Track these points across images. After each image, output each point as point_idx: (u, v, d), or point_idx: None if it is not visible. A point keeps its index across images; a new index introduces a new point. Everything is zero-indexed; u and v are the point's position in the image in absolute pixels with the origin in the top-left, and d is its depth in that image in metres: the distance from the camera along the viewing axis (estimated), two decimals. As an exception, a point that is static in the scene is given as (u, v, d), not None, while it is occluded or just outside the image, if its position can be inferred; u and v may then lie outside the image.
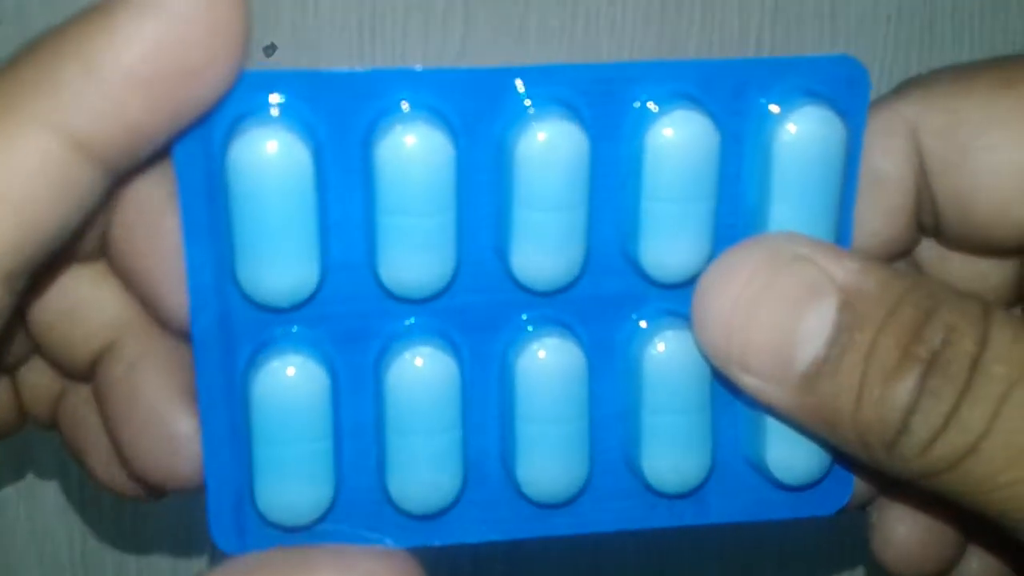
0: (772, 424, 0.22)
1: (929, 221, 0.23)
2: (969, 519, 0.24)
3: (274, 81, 0.20)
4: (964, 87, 0.22)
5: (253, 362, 0.21)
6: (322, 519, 0.21)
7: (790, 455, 0.22)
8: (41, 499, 0.39)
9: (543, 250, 0.21)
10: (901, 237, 0.23)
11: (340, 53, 0.37)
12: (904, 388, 0.19)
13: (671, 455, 0.22)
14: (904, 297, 0.20)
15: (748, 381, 0.21)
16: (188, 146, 0.20)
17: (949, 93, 0.22)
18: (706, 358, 0.21)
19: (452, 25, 0.37)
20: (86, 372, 0.23)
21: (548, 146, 0.20)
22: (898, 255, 0.24)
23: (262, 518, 0.21)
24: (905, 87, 0.23)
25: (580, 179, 0.21)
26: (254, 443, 0.21)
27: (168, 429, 0.22)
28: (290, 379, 0.20)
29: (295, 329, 0.21)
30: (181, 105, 0.18)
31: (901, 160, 0.23)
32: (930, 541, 0.25)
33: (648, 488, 0.22)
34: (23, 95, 0.17)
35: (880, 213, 0.23)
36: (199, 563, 0.39)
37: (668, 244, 0.21)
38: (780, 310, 0.20)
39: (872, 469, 0.21)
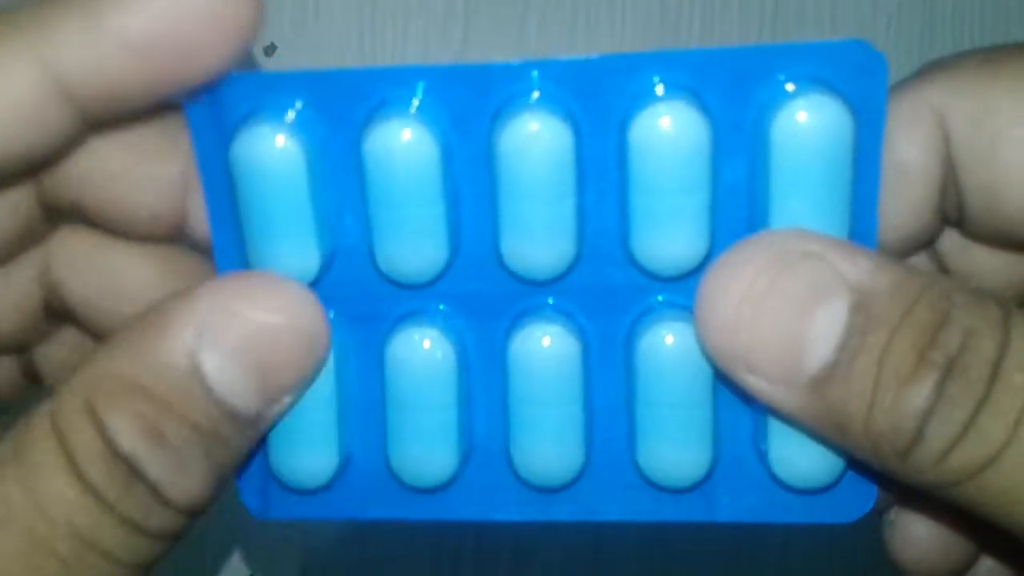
0: (778, 425, 0.21)
1: (952, 212, 0.22)
2: (983, 528, 0.23)
3: (281, 82, 0.21)
4: (993, 72, 0.21)
5: None
6: (331, 484, 0.23)
7: (795, 455, 0.22)
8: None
9: (529, 239, 0.21)
10: (924, 229, 0.22)
11: (340, 53, 0.37)
12: (920, 395, 0.18)
13: (666, 448, 0.22)
14: (920, 298, 0.19)
15: (754, 384, 0.20)
16: (206, 137, 0.21)
17: (978, 78, 0.21)
18: (709, 357, 0.21)
19: (452, 25, 0.37)
20: None
21: (529, 138, 0.20)
22: (919, 247, 0.23)
23: (280, 482, 0.23)
24: (929, 71, 0.22)
25: (564, 170, 0.21)
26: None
27: None
28: None
29: None
30: (168, 77, 0.19)
31: (926, 148, 0.22)
32: (950, 542, 0.24)
33: (648, 481, 0.22)
34: (24, 29, 0.18)
35: (903, 204, 0.22)
36: (200, 563, 0.39)
37: (662, 237, 0.21)
38: (788, 310, 0.19)
39: (885, 476, 0.20)
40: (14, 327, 0.23)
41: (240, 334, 0.20)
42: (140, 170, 0.22)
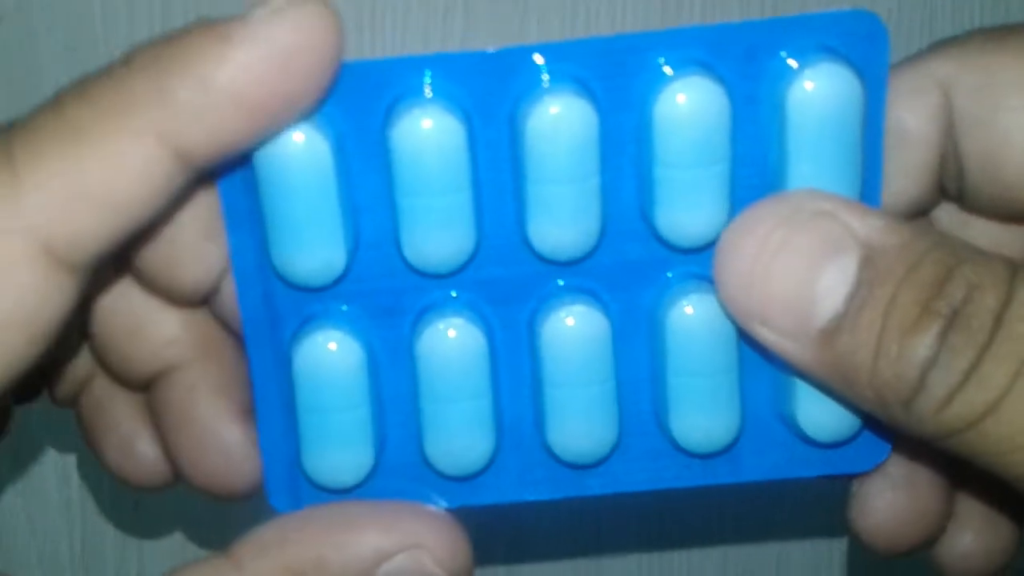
0: (800, 382, 0.22)
1: (952, 185, 0.23)
2: (972, 482, 0.24)
3: None
4: (998, 46, 0.22)
5: (295, 337, 0.22)
6: (365, 482, 0.23)
7: (820, 412, 0.22)
8: (41, 499, 0.39)
9: (557, 222, 0.21)
10: (922, 197, 0.23)
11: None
12: (922, 344, 0.19)
13: (698, 416, 0.22)
14: (927, 254, 0.19)
15: (767, 336, 0.21)
16: None
17: (983, 52, 0.22)
18: (728, 315, 0.21)
19: (452, 25, 0.37)
20: (142, 386, 0.24)
21: (555, 120, 0.21)
22: (916, 214, 0.24)
23: (311, 482, 0.23)
24: (938, 46, 0.23)
25: (589, 151, 0.21)
26: (298, 412, 0.22)
27: (224, 445, 0.24)
28: (327, 352, 0.22)
29: (332, 306, 0.22)
30: (274, 126, 0.20)
31: (929, 118, 0.22)
32: (910, 515, 0.24)
33: (679, 448, 0.23)
34: (139, 105, 0.19)
35: (903, 171, 0.23)
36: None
37: (684, 210, 0.21)
38: (800, 265, 0.20)
39: (890, 427, 0.20)
40: (60, 352, 0.24)
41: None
42: (200, 246, 0.22)
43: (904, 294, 0.19)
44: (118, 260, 0.23)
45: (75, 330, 0.24)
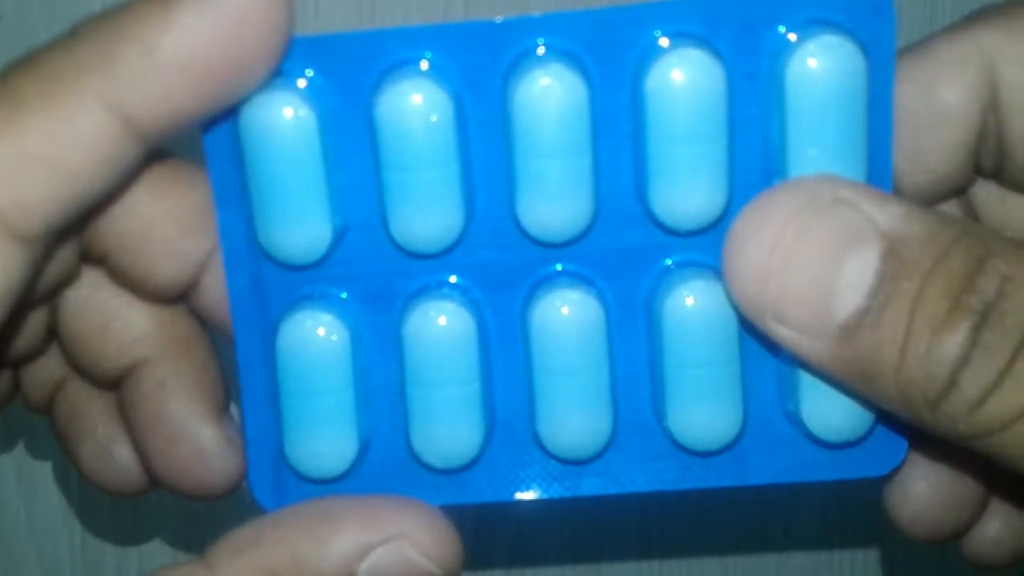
0: (808, 378, 0.21)
1: (990, 161, 0.22)
2: (1001, 479, 0.23)
3: (291, 48, 0.20)
4: None
5: (281, 318, 0.22)
6: (350, 472, 0.22)
7: (828, 410, 0.21)
8: (41, 499, 0.39)
9: (546, 198, 0.21)
10: (957, 174, 0.22)
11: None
12: (954, 341, 0.18)
13: (697, 410, 0.22)
14: (953, 244, 0.18)
15: (782, 332, 0.20)
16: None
17: None
18: (736, 309, 0.20)
19: (452, 18, 0.37)
20: (112, 384, 0.24)
21: (543, 92, 0.20)
22: (950, 194, 0.23)
23: (297, 474, 0.22)
24: (979, 15, 0.22)
25: (580, 125, 0.20)
26: (282, 395, 0.22)
27: (197, 444, 0.23)
28: (311, 333, 0.21)
29: (320, 288, 0.22)
30: (224, 94, 0.19)
31: (971, 93, 0.21)
32: (950, 501, 0.23)
33: (680, 447, 0.22)
34: (83, 71, 0.18)
35: (939, 149, 0.22)
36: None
37: (680, 188, 0.21)
38: (818, 257, 0.19)
39: (911, 426, 0.19)
40: (25, 343, 0.23)
41: None
42: (175, 242, 0.22)
43: (932, 288, 0.18)
44: (91, 256, 0.22)
45: (34, 316, 0.23)
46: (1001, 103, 0.21)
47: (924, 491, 0.23)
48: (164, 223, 0.22)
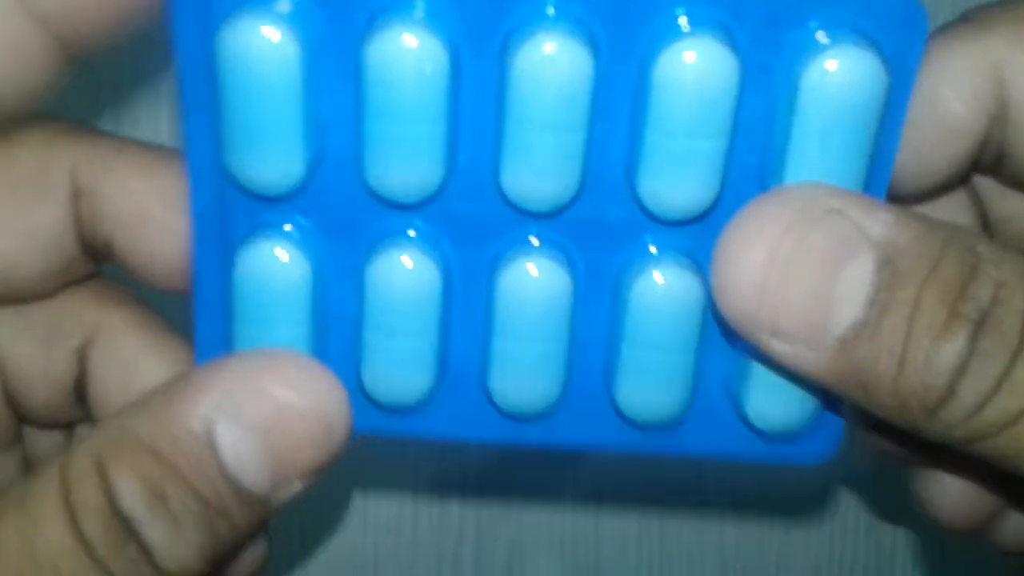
0: (757, 371, 0.21)
1: (988, 163, 0.22)
2: (1006, 480, 0.23)
3: None
4: None
5: (241, 243, 0.21)
6: None
7: (771, 402, 0.21)
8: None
9: (534, 172, 0.20)
10: (954, 176, 0.22)
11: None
12: (952, 350, 0.18)
13: (647, 390, 0.22)
14: (945, 251, 0.18)
15: (778, 347, 0.19)
16: (188, 22, 0.20)
17: None
18: (728, 321, 0.20)
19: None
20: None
21: (546, 61, 0.19)
22: (949, 190, 0.23)
23: None
24: (987, 16, 0.21)
25: (580, 101, 0.20)
26: (235, 323, 0.21)
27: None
28: (271, 261, 0.21)
29: (286, 217, 0.21)
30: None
31: (977, 104, 0.21)
32: (981, 491, 0.23)
33: (624, 418, 0.22)
34: None
35: (942, 156, 0.21)
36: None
37: (671, 180, 0.20)
38: (813, 270, 0.19)
39: (906, 432, 0.19)
40: (50, 407, 0.24)
41: (260, 411, 0.19)
42: (170, 220, 0.22)
43: (928, 296, 0.18)
44: (96, 249, 0.23)
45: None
46: (1009, 117, 0.21)
47: (958, 485, 0.23)
48: (157, 202, 0.22)
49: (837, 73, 0.19)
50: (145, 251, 0.22)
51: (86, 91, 0.33)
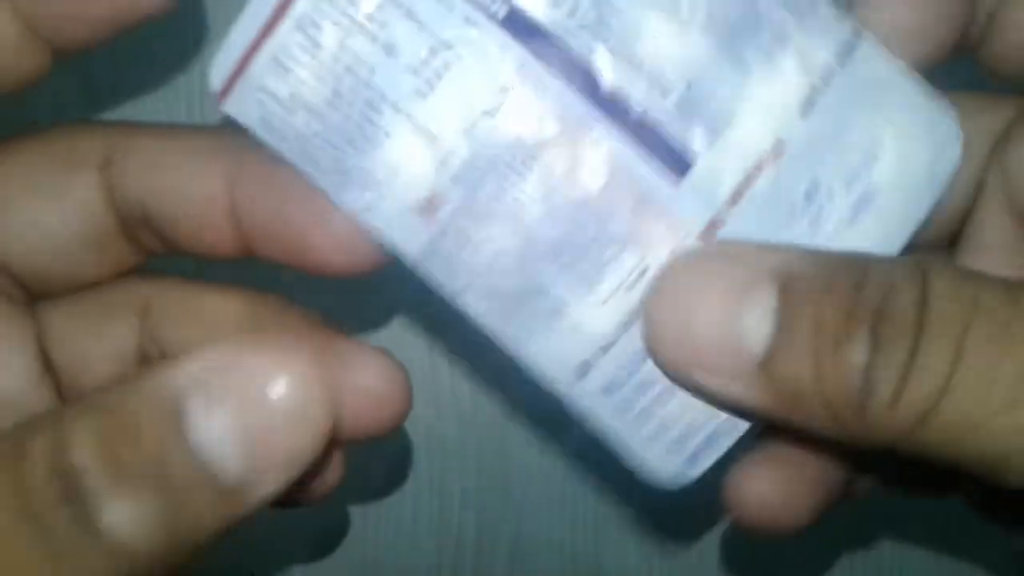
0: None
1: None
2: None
3: None
4: None
5: None
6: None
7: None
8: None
9: None
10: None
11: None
12: (857, 349, 0.19)
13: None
14: (838, 269, 0.20)
15: (712, 384, 0.21)
16: None
17: None
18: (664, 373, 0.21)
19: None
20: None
21: None
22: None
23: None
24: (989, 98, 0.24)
25: None
26: None
27: None
28: None
29: None
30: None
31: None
32: (794, 492, 0.24)
33: None
34: None
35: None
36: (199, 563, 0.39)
37: None
38: (724, 306, 0.20)
39: (856, 448, 0.20)
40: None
41: (235, 390, 0.18)
42: (200, 183, 0.23)
43: (826, 309, 0.19)
44: (142, 228, 0.23)
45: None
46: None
47: (766, 489, 0.24)
48: (190, 170, 0.23)
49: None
50: (175, 216, 0.23)
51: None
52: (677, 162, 0.21)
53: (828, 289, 0.20)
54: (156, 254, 0.24)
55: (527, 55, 0.20)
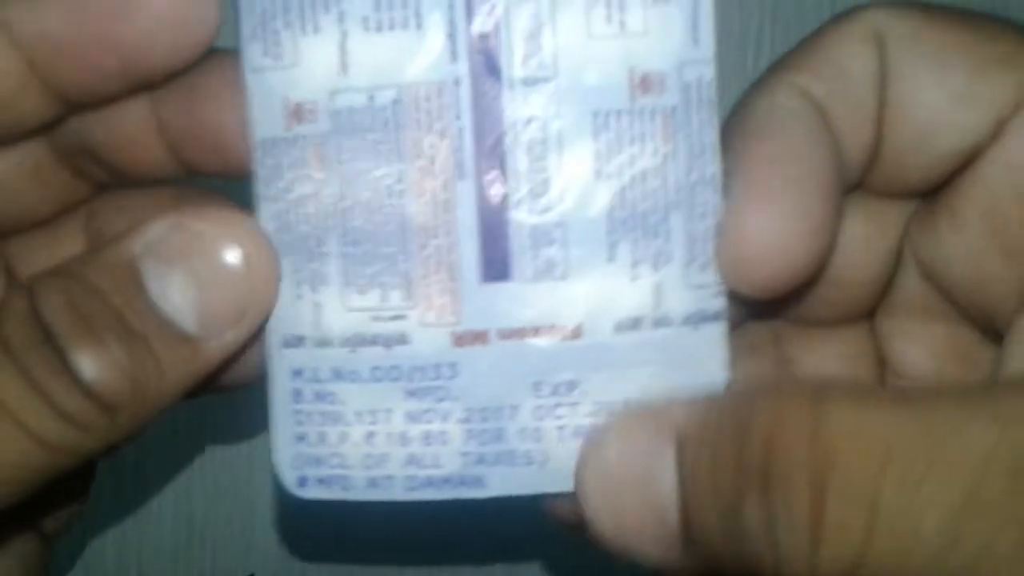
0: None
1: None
2: None
3: None
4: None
5: None
6: None
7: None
8: (41, 499, 0.39)
9: None
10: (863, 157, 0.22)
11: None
12: (753, 515, 0.17)
13: None
14: (721, 418, 0.18)
15: (649, 554, 0.19)
16: None
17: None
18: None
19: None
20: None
21: None
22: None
23: None
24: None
25: None
26: None
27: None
28: None
29: None
30: (135, 53, 0.20)
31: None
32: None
33: None
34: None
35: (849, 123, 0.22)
36: (199, 563, 0.39)
37: None
38: (634, 472, 0.19)
39: None
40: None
41: (185, 251, 0.20)
42: (116, 104, 0.22)
43: (718, 471, 0.18)
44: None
45: None
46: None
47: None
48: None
49: None
50: (116, 140, 0.23)
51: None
52: (498, 275, 0.21)
53: (714, 444, 0.18)
54: (103, 184, 0.24)
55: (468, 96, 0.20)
